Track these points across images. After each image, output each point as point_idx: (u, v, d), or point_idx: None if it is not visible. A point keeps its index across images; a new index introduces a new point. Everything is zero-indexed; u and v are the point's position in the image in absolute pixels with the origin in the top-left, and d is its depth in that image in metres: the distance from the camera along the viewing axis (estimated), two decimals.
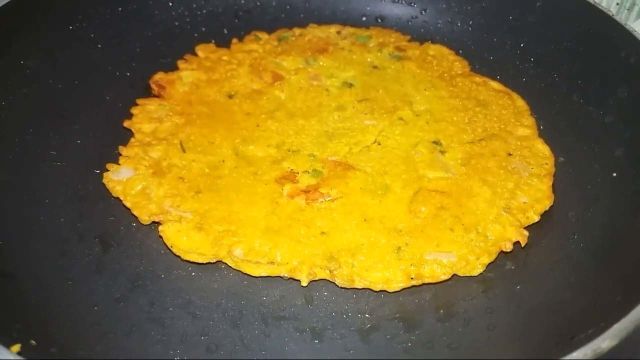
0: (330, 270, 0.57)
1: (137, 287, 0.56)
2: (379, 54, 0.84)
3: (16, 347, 0.43)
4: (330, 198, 0.63)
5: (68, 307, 0.53)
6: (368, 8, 0.92)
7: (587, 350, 0.41)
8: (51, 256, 0.58)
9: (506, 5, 0.84)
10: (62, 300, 0.54)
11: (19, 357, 0.41)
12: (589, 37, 0.75)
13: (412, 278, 0.56)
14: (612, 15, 0.73)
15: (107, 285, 0.56)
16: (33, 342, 0.45)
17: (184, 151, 0.68)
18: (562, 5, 0.78)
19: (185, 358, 0.51)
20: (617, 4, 0.95)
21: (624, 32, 0.70)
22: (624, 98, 0.68)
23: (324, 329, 0.54)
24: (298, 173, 0.66)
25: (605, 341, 0.41)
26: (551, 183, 0.65)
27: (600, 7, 0.75)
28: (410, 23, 0.90)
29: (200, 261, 0.58)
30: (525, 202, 0.62)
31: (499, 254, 0.59)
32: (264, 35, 0.86)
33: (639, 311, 0.43)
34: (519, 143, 0.70)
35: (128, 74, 0.80)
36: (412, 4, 0.90)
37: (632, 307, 0.43)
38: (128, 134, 0.71)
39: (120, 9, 0.83)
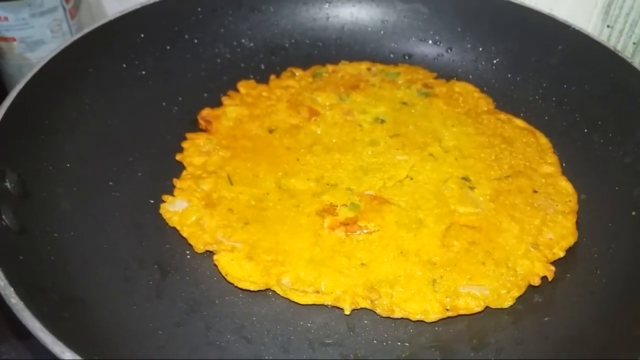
0: (371, 300, 0.62)
1: (194, 312, 0.61)
2: (407, 91, 0.89)
3: None
4: (367, 231, 0.68)
5: (135, 330, 0.58)
6: (395, 45, 0.97)
7: None
8: (116, 282, 0.63)
9: (529, 47, 0.89)
10: (128, 324, 0.59)
11: None
12: (608, 80, 0.80)
13: (447, 309, 0.61)
14: (631, 61, 0.78)
15: (167, 310, 0.61)
16: None
17: (231, 184, 0.74)
18: (582, 50, 0.84)
19: None
20: (634, 43, 1.00)
21: None
22: None
23: (365, 356, 0.58)
24: (337, 206, 0.71)
25: None
26: (575, 220, 0.69)
27: (618, 53, 0.80)
28: (436, 60, 0.95)
29: (252, 289, 0.63)
30: (551, 239, 0.67)
31: (527, 287, 0.63)
32: (299, 72, 0.92)
33: None
34: (543, 180, 0.75)
35: (176, 108, 0.86)
36: (438, 43, 0.96)
37: None
38: (177, 166, 0.77)
39: (168, 47, 0.90)
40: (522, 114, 0.85)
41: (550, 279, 0.64)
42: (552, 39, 0.87)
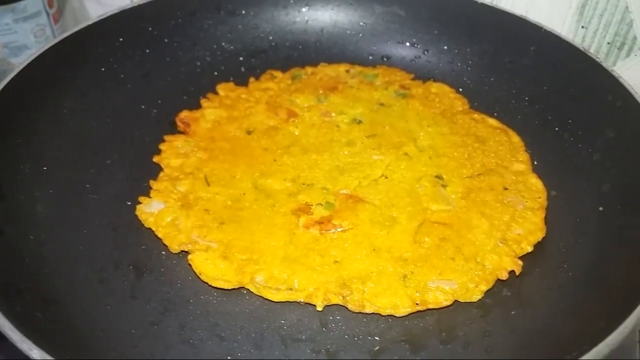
0: (343, 296, 0.63)
1: (168, 311, 0.62)
2: (385, 92, 0.91)
3: None
4: (342, 229, 0.69)
5: (108, 330, 0.59)
6: (374, 48, 0.99)
7: None
8: (91, 283, 0.64)
9: (503, 49, 0.90)
10: (103, 324, 0.59)
11: None
12: (578, 80, 0.81)
13: (417, 304, 0.62)
14: (600, 61, 0.80)
15: (142, 310, 0.62)
16: None
17: (208, 185, 0.75)
18: (553, 51, 0.85)
19: None
20: (608, 43, 1.02)
21: (611, 78, 0.77)
22: (610, 138, 0.74)
23: (337, 351, 0.59)
24: (312, 205, 0.72)
25: None
26: (544, 216, 0.71)
27: (589, 54, 0.82)
28: (413, 62, 0.97)
29: (225, 287, 0.64)
30: (519, 234, 0.68)
31: (495, 281, 0.64)
32: (278, 74, 0.94)
33: (615, 336, 0.49)
34: (514, 178, 0.76)
35: (155, 111, 0.86)
36: (416, 45, 0.98)
37: (611, 332, 0.49)
38: (157, 167, 0.78)
39: (147, 50, 0.91)
40: (495, 114, 0.86)
41: (517, 273, 0.65)
42: (525, 40, 0.89)
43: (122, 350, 0.57)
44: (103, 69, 0.86)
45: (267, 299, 0.63)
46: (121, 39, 0.88)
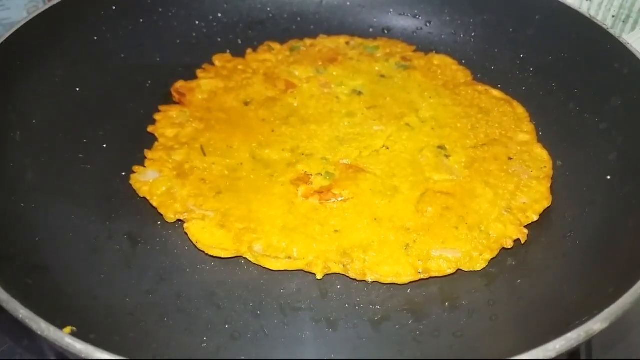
0: (343, 265, 0.61)
1: (164, 281, 0.60)
2: (386, 64, 0.88)
3: (68, 329, 0.48)
4: (342, 198, 0.68)
5: (102, 298, 0.57)
6: (375, 20, 0.96)
7: (581, 332, 0.45)
8: (83, 252, 0.62)
9: (506, 19, 0.88)
10: (95, 292, 0.58)
11: (71, 340, 0.45)
12: (584, 48, 0.79)
13: (419, 272, 0.60)
14: (607, 28, 0.77)
15: (137, 279, 0.60)
16: (74, 328, 0.49)
17: (204, 155, 0.73)
18: (559, 19, 0.83)
19: (212, 344, 0.55)
20: (613, 16, 1.00)
21: (618, 45, 0.75)
22: (617, 106, 0.72)
23: (338, 319, 0.58)
24: (312, 175, 0.70)
25: (597, 324, 0.46)
26: (549, 185, 0.69)
27: (595, 21, 0.80)
28: (415, 34, 0.95)
29: (223, 256, 0.62)
30: (525, 203, 0.67)
31: (500, 250, 0.63)
32: (276, 46, 0.91)
33: (627, 298, 0.47)
34: (519, 148, 0.74)
35: (150, 82, 0.84)
36: (417, 17, 0.95)
37: (621, 295, 0.48)
38: (151, 139, 0.75)
39: (141, 20, 0.88)
40: (500, 85, 0.84)
41: (523, 242, 0.63)
42: (529, 9, 0.86)
43: (116, 318, 0.55)
44: (96, 38, 0.83)
45: (265, 268, 0.62)
46: (114, 7, 0.85)
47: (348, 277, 0.61)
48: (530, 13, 0.86)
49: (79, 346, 0.45)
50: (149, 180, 0.69)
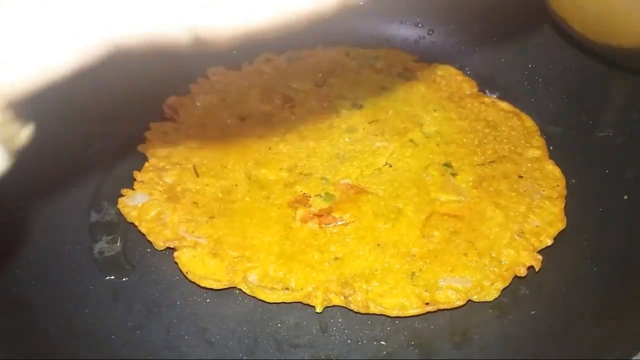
0: (344, 296, 0.57)
1: (153, 315, 0.57)
2: (387, 75, 0.85)
3: None
4: (343, 222, 0.64)
5: (86, 337, 0.53)
6: (375, 29, 0.93)
7: None
8: (67, 285, 0.58)
9: (514, 27, 0.84)
10: (79, 330, 0.54)
11: None
12: (598, 58, 0.75)
13: (427, 304, 0.56)
14: None
15: (124, 314, 0.56)
16: None
17: (197, 175, 0.69)
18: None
19: None
20: None
21: None
22: (634, 120, 0.68)
23: (339, 358, 0.54)
24: (310, 197, 0.67)
25: None
26: (563, 206, 0.65)
27: None
28: (417, 44, 0.91)
29: (215, 287, 0.58)
30: (538, 226, 0.63)
31: (513, 278, 0.59)
32: (273, 57, 0.87)
33: None
34: (529, 165, 0.70)
35: (140, 97, 0.80)
36: (420, 25, 0.91)
37: None
38: (140, 158, 0.72)
39: None
40: (507, 97, 0.80)
41: (537, 269, 0.59)
42: (538, 17, 0.82)
43: (99, 358, 0.51)
44: None
45: (261, 300, 0.58)
46: None
47: (350, 310, 0.57)
48: (539, 21, 0.82)
49: None
50: (138, 204, 0.65)
